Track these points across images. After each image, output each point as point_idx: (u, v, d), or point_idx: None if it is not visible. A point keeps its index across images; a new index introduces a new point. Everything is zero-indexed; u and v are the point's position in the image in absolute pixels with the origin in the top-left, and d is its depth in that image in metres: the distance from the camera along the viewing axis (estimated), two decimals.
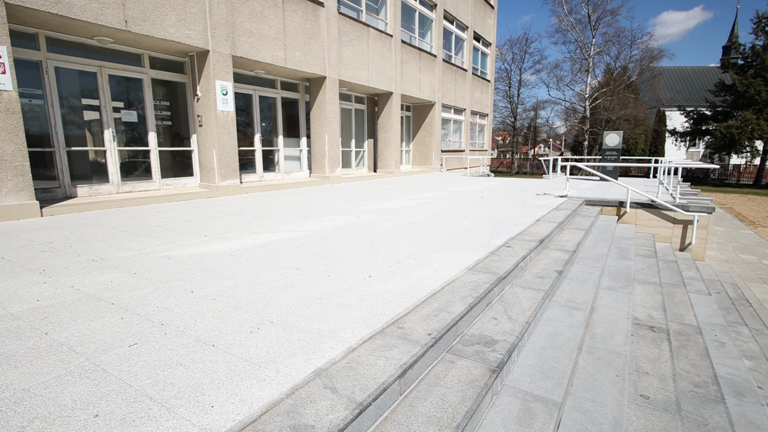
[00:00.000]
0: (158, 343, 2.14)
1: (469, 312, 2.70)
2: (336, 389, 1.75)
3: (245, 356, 2.01)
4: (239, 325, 2.38)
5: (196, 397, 1.68)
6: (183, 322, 2.41)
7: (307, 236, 4.75)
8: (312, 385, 1.78)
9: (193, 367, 1.92)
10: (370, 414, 1.72)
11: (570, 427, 2.22)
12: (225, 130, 8.72)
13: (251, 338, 2.20)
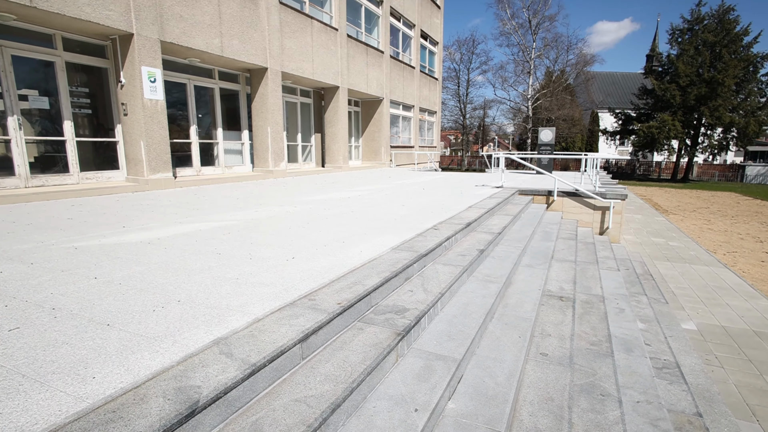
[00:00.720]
0: (45, 326, 2.05)
1: (383, 285, 2.81)
2: (232, 354, 1.78)
3: (141, 333, 1.99)
4: (142, 305, 2.33)
5: (77, 371, 1.64)
6: (78, 306, 2.32)
7: (237, 225, 4.68)
8: (208, 353, 1.79)
9: (79, 345, 1.86)
10: (265, 375, 1.77)
11: (469, 381, 2.39)
12: (154, 120, 8.31)
13: (152, 316, 2.17)
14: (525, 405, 2.45)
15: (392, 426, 1.78)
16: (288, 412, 1.63)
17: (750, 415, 3.56)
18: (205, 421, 1.48)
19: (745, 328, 5.38)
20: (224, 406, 1.56)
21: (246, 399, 1.67)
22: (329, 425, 1.68)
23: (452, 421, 2.04)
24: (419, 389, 2.06)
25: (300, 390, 1.78)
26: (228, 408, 1.58)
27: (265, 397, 1.73)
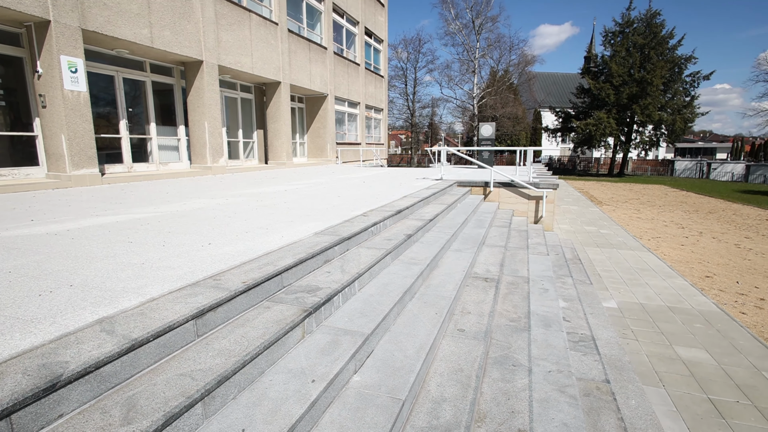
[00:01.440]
0: None
1: (297, 265, 2.80)
2: (113, 331, 1.70)
3: (18, 316, 1.85)
4: (29, 291, 2.17)
5: None
6: None
7: (159, 217, 4.48)
8: (87, 331, 1.71)
9: None
10: (150, 351, 1.71)
11: (379, 356, 2.43)
12: (76, 113, 7.78)
13: (36, 301, 2.03)
14: (435, 377, 2.52)
15: (285, 396, 1.78)
16: (170, 386, 1.58)
17: (657, 381, 3.87)
18: (71, 396, 1.41)
19: (661, 304, 5.85)
20: (96, 381, 1.49)
21: (125, 375, 1.60)
22: (215, 398, 1.65)
23: (355, 392, 2.07)
24: (321, 362, 2.07)
25: (188, 365, 1.73)
26: (102, 384, 1.51)
27: (149, 373, 1.66)
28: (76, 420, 1.38)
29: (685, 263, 8.07)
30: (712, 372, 4.02)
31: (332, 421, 1.83)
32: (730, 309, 5.71)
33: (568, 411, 2.64)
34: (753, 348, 4.52)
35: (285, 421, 1.61)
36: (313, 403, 1.76)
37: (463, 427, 2.03)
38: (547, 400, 2.77)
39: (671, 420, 3.27)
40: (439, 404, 2.21)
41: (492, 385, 2.68)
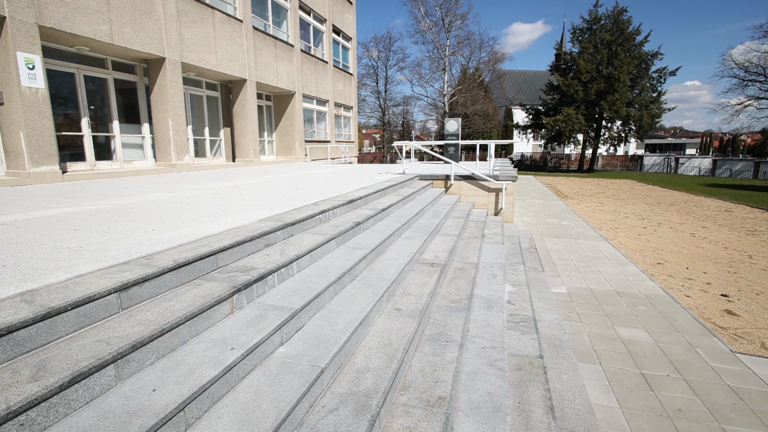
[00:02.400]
0: None
1: (234, 247, 2.90)
2: (33, 301, 1.78)
3: None
4: None
5: None
6: None
7: (111, 208, 4.49)
8: (7, 301, 1.78)
9: None
10: (69, 320, 1.79)
11: (309, 330, 2.56)
12: (34, 110, 7.63)
13: None
14: (363, 350, 2.67)
15: (202, 362, 1.89)
16: (84, 350, 1.67)
17: (594, 359, 4.09)
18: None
19: (609, 289, 6.15)
20: (9, 345, 1.57)
21: (41, 341, 1.69)
22: (130, 362, 1.75)
23: (278, 362, 2.19)
24: (244, 333, 2.18)
25: (107, 333, 1.82)
26: (16, 347, 1.60)
27: (67, 340, 1.75)
28: None
29: (639, 251, 8.46)
30: (648, 350, 4.29)
31: (249, 386, 1.95)
32: (675, 293, 6.05)
33: (494, 382, 2.83)
34: (691, 327, 4.83)
35: (196, 382, 1.72)
36: (228, 368, 1.88)
37: (381, 392, 2.17)
38: (475, 372, 2.95)
39: (602, 393, 3.50)
40: (363, 374, 2.36)
41: (422, 359, 2.84)
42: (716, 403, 3.33)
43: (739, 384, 3.59)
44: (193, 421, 1.67)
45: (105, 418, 1.49)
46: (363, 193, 5.64)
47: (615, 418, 3.13)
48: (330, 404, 2.05)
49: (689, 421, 3.10)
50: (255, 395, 1.87)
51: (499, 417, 2.41)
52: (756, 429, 3.00)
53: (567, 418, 2.88)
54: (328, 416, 1.94)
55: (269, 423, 1.68)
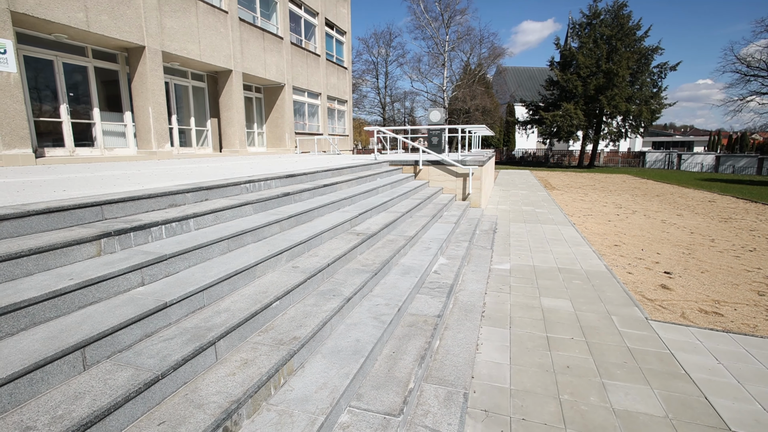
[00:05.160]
0: None
1: (127, 202, 3.04)
2: None
3: None
4: None
5: None
6: None
7: (54, 180, 4.66)
8: None
9: None
10: None
11: (181, 276, 2.68)
12: (6, 93, 7.86)
13: None
14: (236, 295, 2.77)
15: (30, 287, 2.02)
16: None
17: (507, 324, 4.15)
18: None
19: (553, 266, 6.19)
20: None
21: None
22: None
23: (127, 297, 2.31)
24: (95, 270, 2.31)
25: None
26: None
27: None
28: None
29: (601, 235, 8.46)
30: (564, 317, 4.35)
31: (84, 313, 2.08)
32: (618, 270, 6.07)
33: (369, 332, 2.92)
34: (616, 298, 4.87)
35: (12, 298, 1.85)
36: (55, 293, 2.00)
37: (226, 328, 2.28)
38: (356, 324, 3.05)
39: (499, 352, 3.57)
40: (219, 314, 2.47)
41: (299, 309, 2.94)
42: (607, 361, 3.38)
43: (638, 346, 3.64)
44: (2, 336, 1.80)
45: None
46: (308, 170, 5.76)
47: (500, 373, 3.20)
48: (168, 335, 2.17)
49: (572, 376, 3.16)
50: (82, 320, 1.99)
51: (354, 359, 2.51)
52: (633, 383, 3.06)
53: (442, 369, 2.96)
54: (156, 346, 2.06)
55: (76, 338, 1.80)
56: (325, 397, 2.10)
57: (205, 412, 1.74)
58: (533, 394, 2.91)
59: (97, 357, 1.85)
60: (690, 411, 2.72)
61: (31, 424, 1.46)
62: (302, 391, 2.15)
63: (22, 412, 1.52)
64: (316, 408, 2.00)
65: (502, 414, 2.68)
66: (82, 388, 1.67)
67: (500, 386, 3.01)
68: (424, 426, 2.28)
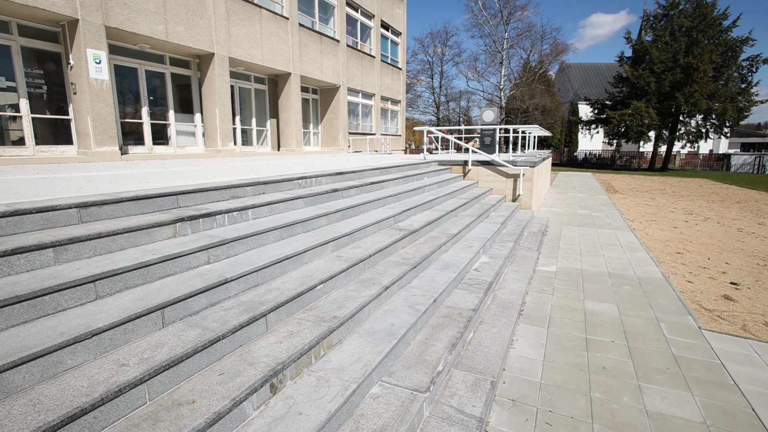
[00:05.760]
0: None
1: (197, 193, 3.48)
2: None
3: None
4: None
5: None
6: None
7: (142, 174, 5.34)
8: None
9: None
10: (33, 220, 2.43)
11: (240, 258, 3.05)
12: (100, 98, 8.96)
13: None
14: (285, 277, 3.09)
15: (125, 258, 2.45)
16: (39, 238, 2.29)
17: (545, 323, 4.19)
18: None
19: (603, 271, 6.03)
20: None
21: (11, 230, 2.34)
22: (68, 251, 2.34)
23: (195, 272, 2.70)
24: (172, 248, 2.72)
25: (62, 233, 2.44)
26: None
27: (32, 238, 2.39)
28: None
29: (663, 242, 8.03)
30: (607, 320, 4.28)
31: (163, 282, 2.48)
32: (676, 278, 5.79)
33: (404, 318, 3.14)
34: (669, 306, 4.69)
35: (110, 268, 2.27)
36: (143, 264, 2.41)
37: (275, 303, 2.60)
38: (392, 310, 3.27)
39: (533, 348, 3.63)
40: (270, 291, 2.80)
41: (341, 293, 3.21)
42: (647, 366, 3.33)
43: (685, 354, 3.53)
44: (104, 294, 2.22)
45: (19, 285, 2.07)
46: (357, 168, 6.06)
47: (532, 368, 3.28)
48: (228, 305, 2.52)
49: (607, 377, 3.17)
50: (162, 288, 2.39)
51: (387, 341, 2.73)
52: (672, 388, 3.01)
53: (473, 358, 3.10)
54: (218, 313, 2.41)
55: (159, 300, 2.18)
56: (358, 369, 2.34)
57: (256, 369, 2.05)
58: (563, 390, 2.97)
59: (173, 317, 2.23)
60: (732, 420, 2.65)
61: (125, 362, 1.83)
62: (339, 362, 2.41)
63: (119, 354, 1.90)
64: (350, 377, 2.25)
65: (530, 405, 2.78)
66: (162, 340, 2.04)
67: (531, 380, 3.09)
68: (449, 405, 2.45)
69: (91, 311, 2.03)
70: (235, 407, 1.81)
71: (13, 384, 1.59)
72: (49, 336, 1.77)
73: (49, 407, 1.52)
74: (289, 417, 1.91)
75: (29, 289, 1.92)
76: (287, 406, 2.00)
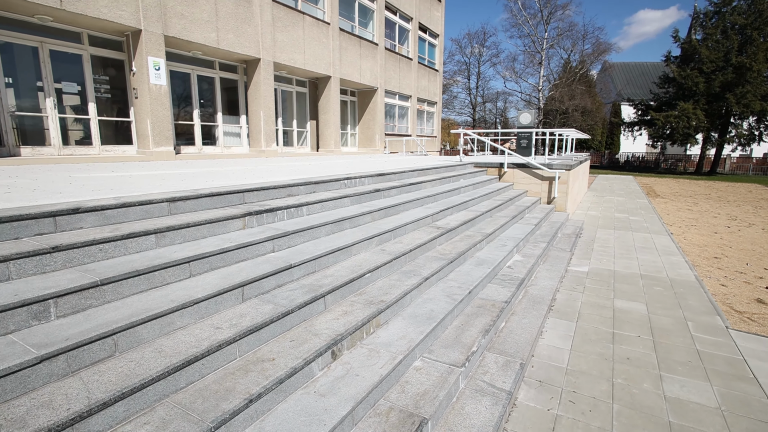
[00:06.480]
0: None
1: (259, 191, 3.96)
2: (119, 198, 2.97)
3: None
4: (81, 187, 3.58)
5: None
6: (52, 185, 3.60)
7: (203, 172, 5.94)
8: (104, 201, 3.00)
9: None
10: (136, 211, 2.96)
11: (298, 248, 3.49)
12: (158, 102, 9.79)
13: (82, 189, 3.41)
14: (337, 267, 3.51)
15: (210, 245, 2.93)
16: (142, 225, 2.80)
17: (574, 318, 4.42)
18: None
19: (635, 272, 6.14)
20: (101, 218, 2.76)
21: (120, 218, 2.86)
22: (165, 237, 2.85)
23: (264, 258, 3.15)
24: (243, 237, 3.19)
25: (156, 222, 2.95)
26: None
27: (136, 224, 2.91)
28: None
29: (700, 246, 7.96)
30: (635, 318, 4.46)
31: (239, 266, 2.94)
32: (710, 282, 5.83)
33: (441, 306, 3.49)
34: (699, 306, 4.79)
35: (200, 252, 2.75)
36: (224, 250, 2.88)
37: (331, 287, 3.01)
38: (431, 299, 3.63)
39: (561, 339, 3.89)
40: (326, 277, 3.22)
41: (386, 281, 3.60)
42: (670, 358, 3.53)
43: (709, 350, 3.69)
44: (196, 273, 2.70)
45: (136, 263, 2.56)
46: (397, 170, 6.44)
47: (559, 356, 3.55)
48: (292, 287, 2.96)
49: (630, 366, 3.40)
50: (239, 270, 2.85)
51: (427, 323, 3.09)
52: (692, 378, 3.21)
53: (505, 343, 3.41)
54: (285, 293, 2.85)
55: (239, 280, 2.64)
56: (403, 344, 2.71)
57: (319, 338, 2.46)
58: (588, 375, 3.23)
59: (250, 294, 2.68)
60: (746, 408, 2.84)
61: (219, 326, 2.29)
62: (386, 339, 2.79)
63: (213, 319, 2.36)
64: (396, 350, 2.63)
65: (555, 385, 3.06)
66: (244, 312, 2.49)
67: (557, 366, 3.37)
68: (482, 380, 2.79)
69: (189, 285, 2.51)
70: (306, 366, 2.23)
71: (142, 336, 2.07)
72: (162, 302, 2.25)
73: (170, 354, 1.98)
74: (347, 377, 2.31)
75: (143, 266, 2.41)
76: (345, 369, 2.40)
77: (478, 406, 2.51)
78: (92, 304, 2.10)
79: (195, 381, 1.97)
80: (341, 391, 2.17)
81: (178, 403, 1.80)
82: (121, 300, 2.23)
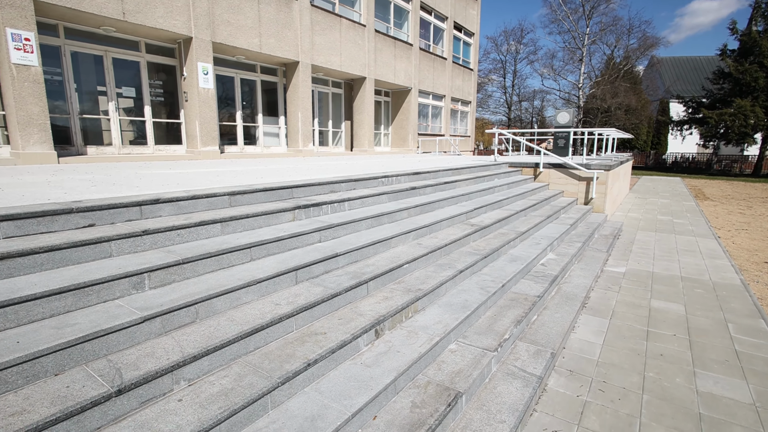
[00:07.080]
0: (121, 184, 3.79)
1: (305, 187, 4.28)
2: (187, 189, 3.36)
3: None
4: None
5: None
6: (121, 179, 4.06)
7: (242, 171, 6.38)
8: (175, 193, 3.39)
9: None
10: (202, 203, 3.33)
11: (342, 239, 3.78)
12: (206, 105, 10.43)
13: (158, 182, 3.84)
14: (378, 257, 3.76)
15: (265, 234, 3.26)
16: (208, 212, 3.17)
17: (608, 315, 4.48)
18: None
19: (675, 275, 6.06)
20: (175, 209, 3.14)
21: (190, 209, 3.24)
22: (229, 225, 3.20)
23: (312, 247, 3.45)
24: (294, 228, 3.50)
25: (221, 213, 3.31)
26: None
27: (200, 215, 3.28)
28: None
29: (750, 251, 7.69)
30: (672, 317, 4.47)
31: (293, 253, 3.26)
32: (757, 286, 5.68)
33: (475, 296, 3.68)
34: (742, 310, 4.73)
35: (258, 239, 3.08)
36: (278, 239, 3.21)
37: (372, 275, 3.27)
38: (465, 290, 3.82)
39: (594, 335, 3.99)
40: (369, 266, 3.49)
41: (423, 272, 3.83)
42: (706, 357, 3.56)
43: (748, 351, 3.69)
44: (256, 258, 3.03)
45: (206, 246, 2.90)
46: (431, 169, 6.65)
47: (591, 349, 3.66)
48: (338, 273, 3.24)
49: (663, 362, 3.46)
50: (292, 256, 3.16)
51: (461, 311, 3.30)
52: (728, 376, 3.24)
53: (536, 334, 3.56)
54: (332, 278, 3.14)
55: (292, 264, 2.95)
56: (440, 328, 2.94)
57: (364, 318, 2.73)
58: (619, 368, 3.33)
59: (302, 278, 2.98)
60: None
61: (278, 303, 2.60)
62: (423, 323, 3.03)
63: (272, 297, 2.68)
64: (433, 333, 2.86)
65: (586, 375, 3.19)
66: (298, 292, 2.79)
67: (589, 358, 3.48)
68: (513, 366, 2.97)
69: (251, 268, 2.83)
70: (354, 340, 2.50)
71: (216, 308, 2.40)
72: (230, 281, 2.58)
73: (241, 323, 2.30)
74: (390, 353, 2.56)
75: (213, 249, 2.75)
76: (387, 346, 2.65)
77: (509, 387, 2.70)
78: (175, 279, 2.46)
79: (261, 347, 2.28)
80: (384, 364, 2.43)
81: (249, 363, 2.11)
82: (197, 277, 2.58)
